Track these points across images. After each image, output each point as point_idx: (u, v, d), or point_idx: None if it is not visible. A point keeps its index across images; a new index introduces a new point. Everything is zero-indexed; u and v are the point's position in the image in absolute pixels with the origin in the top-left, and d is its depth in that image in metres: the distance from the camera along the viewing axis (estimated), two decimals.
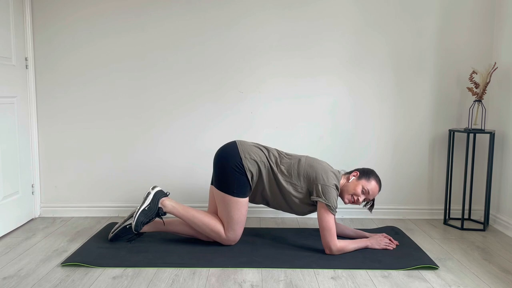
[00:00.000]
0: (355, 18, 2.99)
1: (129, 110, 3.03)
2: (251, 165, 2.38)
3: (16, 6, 2.79)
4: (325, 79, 3.03)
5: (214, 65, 3.01)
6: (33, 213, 3.02)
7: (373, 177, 2.45)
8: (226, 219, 2.41)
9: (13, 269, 2.19)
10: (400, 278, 2.12)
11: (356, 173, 2.46)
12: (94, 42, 2.98)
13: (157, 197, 2.46)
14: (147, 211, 2.42)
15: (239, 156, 2.38)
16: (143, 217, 2.42)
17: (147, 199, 2.45)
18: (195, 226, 2.45)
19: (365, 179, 2.43)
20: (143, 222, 2.42)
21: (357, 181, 2.42)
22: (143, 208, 2.43)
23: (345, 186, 2.43)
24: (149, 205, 2.44)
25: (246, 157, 2.39)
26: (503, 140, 2.90)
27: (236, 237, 2.44)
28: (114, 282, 2.05)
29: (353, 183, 2.43)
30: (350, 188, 2.42)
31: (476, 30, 3.01)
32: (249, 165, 2.37)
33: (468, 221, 3.04)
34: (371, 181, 2.43)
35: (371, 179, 2.44)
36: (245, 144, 2.46)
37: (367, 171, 2.48)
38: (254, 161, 2.39)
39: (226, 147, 2.48)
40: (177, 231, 2.55)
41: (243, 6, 2.97)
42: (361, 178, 2.43)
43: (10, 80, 2.74)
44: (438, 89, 3.06)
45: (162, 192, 2.51)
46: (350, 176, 2.46)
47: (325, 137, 3.08)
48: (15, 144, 2.79)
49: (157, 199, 2.46)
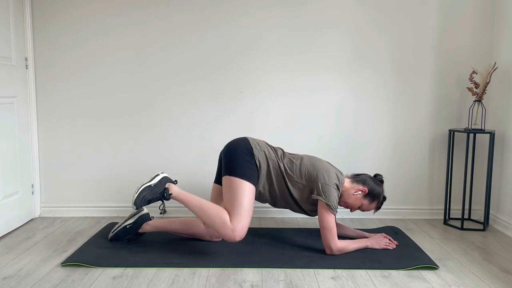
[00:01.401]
0: (355, 17, 2.99)
1: (129, 110, 3.03)
2: (260, 157, 2.36)
3: (16, 6, 2.79)
4: (325, 78, 3.03)
5: (214, 64, 3.01)
6: (33, 213, 3.02)
7: (376, 201, 2.43)
8: (232, 205, 2.23)
9: (13, 269, 2.19)
10: (400, 278, 2.12)
11: (364, 190, 2.40)
12: (94, 41, 2.98)
13: (164, 180, 2.38)
14: (153, 188, 2.31)
15: (250, 145, 2.38)
16: (149, 193, 2.29)
17: (154, 179, 2.36)
18: (200, 212, 2.28)
19: (368, 201, 2.42)
20: (146, 198, 2.28)
21: (360, 199, 2.41)
22: (149, 184, 2.32)
23: (347, 194, 2.41)
24: (156, 184, 2.34)
25: (256, 147, 2.38)
26: (503, 140, 2.90)
27: (242, 227, 2.20)
28: (114, 282, 2.05)
29: (356, 198, 2.41)
30: (350, 200, 2.41)
31: (476, 30, 3.01)
32: (258, 155, 2.36)
33: (468, 221, 3.04)
34: (372, 204, 2.43)
35: (373, 203, 2.43)
36: (255, 139, 2.46)
37: (375, 193, 2.42)
38: (263, 153, 2.38)
39: (236, 139, 2.46)
40: (177, 231, 2.55)
41: (243, 4, 2.97)
42: (365, 198, 2.42)
43: (10, 80, 2.74)
44: (438, 89, 3.06)
45: (170, 179, 2.42)
46: (356, 188, 2.41)
47: (325, 137, 3.08)
48: (15, 144, 2.79)
49: (165, 181, 2.37)
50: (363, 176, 2.47)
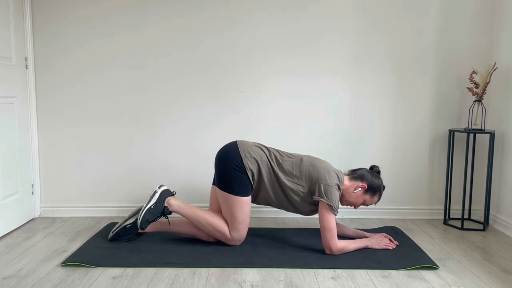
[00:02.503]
0: (355, 18, 2.99)
1: (129, 110, 3.03)
2: (251, 164, 2.38)
3: (16, 6, 2.79)
4: (325, 79, 3.03)
5: (214, 65, 3.01)
6: (33, 213, 3.02)
7: (377, 194, 2.45)
8: (230, 219, 2.41)
9: (13, 269, 2.19)
10: (400, 278, 2.12)
11: (364, 186, 2.41)
12: (94, 41, 2.98)
13: (163, 196, 2.47)
14: (153, 209, 2.42)
15: (239, 156, 2.38)
16: (149, 215, 2.41)
17: (153, 198, 2.45)
18: (200, 225, 2.45)
19: (370, 195, 2.43)
20: (149, 221, 2.42)
21: (361, 195, 2.42)
22: (149, 206, 2.42)
23: (348, 193, 2.41)
24: (155, 203, 2.44)
25: (246, 156, 2.39)
26: (503, 140, 2.90)
27: (240, 237, 2.43)
28: (114, 282, 2.05)
29: (357, 195, 2.42)
30: (352, 198, 2.42)
31: (476, 30, 3.01)
32: (249, 164, 2.37)
33: (468, 221, 3.04)
34: (374, 198, 2.45)
35: (375, 196, 2.45)
36: (245, 144, 2.46)
37: (375, 187, 2.43)
38: (254, 159, 2.39)
39: (227, 147, 2.48)
40: (177, 231, 2.55)
41: (243, 5, 2.97)
42: (366, 193, 2.42)
43: (10, 80, 2.74)
44: (438, 89, 3.06)
45: (169, 191, 2.51)
46: (356, 185, 2.41)
47: (325, 137, 3.08)
48: (15, 144, 2.79)
49: (163, 198, 2.46)
50: (360, 171, 2.48)
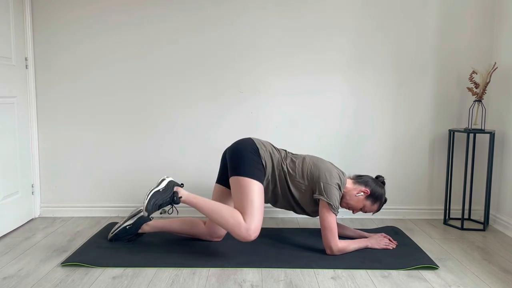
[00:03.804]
0: (355, 17, 2.99)
1: (129, 110, 3.03)
2: (266, 157, 2.37)
3: (16, 6, 2.79)
4: (325, 78, 3.03)
5: (214, 64, 3.01)
6: (33, 213, 3.02)
7: (378, 202, 2.43)
8: (245, 206, 2.22)
9: (13, 269, 2.19)
10: (400, 278, 2.12)
11: (366, 191, 2.40)
12: (94, 41, 2.98)
13: (171, 183, 2.35)
14: (162, 192, 2.27)
15: (256, 146, 2.38)
16: (158, 197, 2.25)
17: (161, 183, 2.33)
18: (213, 214, 2.25)
19: (370, 202, 2.41)
20: (157, 204, 2.24)
21: (362, 200, 2.41)
22: (158, 189, 2.28)
23: (349, 195, 2.40)
24: (164, 188, 2.30)
25: (262, 148, 2.39)
26: (503, 140, 2.90)
27: (256, 227, 2.19)
28: (114, 282, 2.05)
29: (358, 199, 2.40)
30: (353, 201, 2.41)
31: (476, 30, 3.01)
32: (265, 156, 2.37)
33: (468, 221, 3.04)
34: (374, 206, 2.43)
35: (376, 204, 2.43)
36: (260, 140, 2.47)
37: (377, 194, 2.41)
38: (269, 154, 2.39)
39: (241, 140, 2.46)
40: (177, 231, 2.55)
41: (243, 3, 2.97)
42: (367, 199, 2.41)
43: (10, 80, 2.74)
44: (438, 89, 3.06)
45: (176, 182, 2.39)
46: (358, 189, 2.40)
47: (325, 137, 3.08)
48: (15, 144, 2.79)
49: (172, 185, 2.34)
50: (365, 178, 2.47)
